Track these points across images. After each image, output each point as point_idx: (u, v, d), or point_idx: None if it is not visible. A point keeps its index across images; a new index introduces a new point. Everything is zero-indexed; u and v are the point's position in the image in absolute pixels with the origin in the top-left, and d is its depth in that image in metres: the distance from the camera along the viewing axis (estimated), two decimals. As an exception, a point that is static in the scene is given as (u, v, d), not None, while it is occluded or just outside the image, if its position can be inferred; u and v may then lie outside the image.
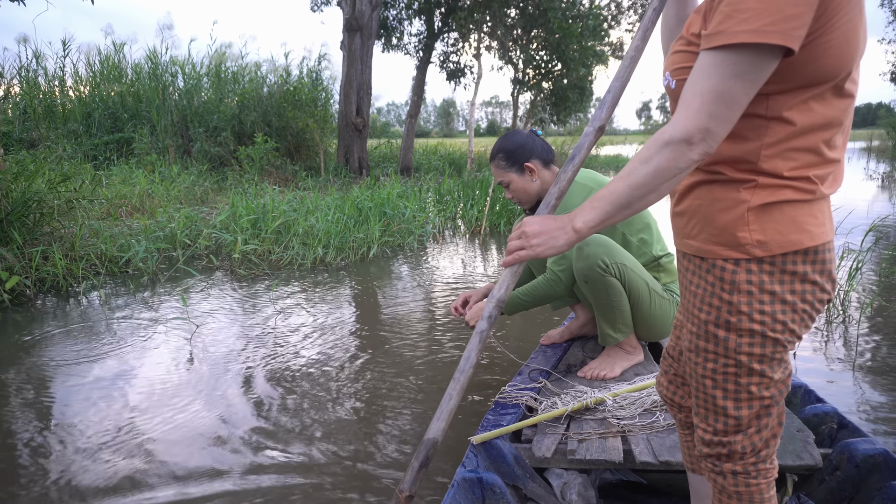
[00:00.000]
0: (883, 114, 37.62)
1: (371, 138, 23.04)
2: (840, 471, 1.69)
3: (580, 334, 2.82)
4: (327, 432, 2.50)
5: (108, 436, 2.49)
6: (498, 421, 2.01)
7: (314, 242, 5.94)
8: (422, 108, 18.83)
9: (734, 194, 1.08)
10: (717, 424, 1.17)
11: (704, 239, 1.13)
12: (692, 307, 1.17)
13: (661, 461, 1.75)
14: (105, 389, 2.94)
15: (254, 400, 2.82)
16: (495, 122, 59.79)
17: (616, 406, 2.03)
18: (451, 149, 21.59)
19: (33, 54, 13.39)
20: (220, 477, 2.17)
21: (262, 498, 2.05)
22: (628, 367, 2.41)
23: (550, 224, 1.20)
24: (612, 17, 18.37)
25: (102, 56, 14.16)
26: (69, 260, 5.10)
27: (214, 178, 10.52)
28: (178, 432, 2.51)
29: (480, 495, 1.69)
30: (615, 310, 2.35)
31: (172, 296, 4.60)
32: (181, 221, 6.23)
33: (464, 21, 15.83)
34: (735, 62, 0.96)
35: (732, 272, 1.09)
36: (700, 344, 1.16)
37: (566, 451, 1.84)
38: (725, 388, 1.14)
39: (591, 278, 2.30)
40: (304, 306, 4.37)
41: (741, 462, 1.18)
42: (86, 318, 4.07)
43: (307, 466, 2.25)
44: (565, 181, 1.33)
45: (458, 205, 8.54)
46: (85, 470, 2.23)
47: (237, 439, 2.45)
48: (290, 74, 15.12)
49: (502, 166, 2.52)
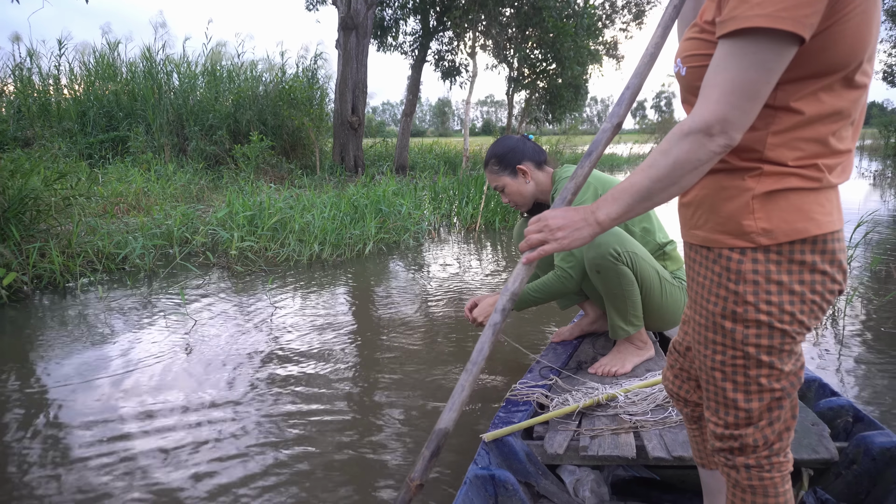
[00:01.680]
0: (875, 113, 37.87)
1: (367, 137, 23.00)
2: (857, 464, 1.68)
3: (590, 331, 2.81)
4: (329, 425, 2.48)
5: (105, 431, 2.45)
6: (509, 418, 1.99)
7: (310, 239, 5.92)
8: (417, 107, 18.83)
9: (739, 182, 1.07)
10: (728, 418, 1.16)
11: (710, 228, 1.12)
12: (700, 298, 1.16)
13: (675, 456, 1.73)
14: (102, 384, 2.90)
15: (252, 394, 2.79)
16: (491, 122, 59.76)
17: (628, 402, 2.02)
18: (447, 148, 21.58)
19: (28, 52, 13.30)
20: (220, 471, 2.15)
21: (269, 490, 2.02)
22: (639, 362, 2.40)
23: (573, 216, 1.19)
24: (607, 16, 18.41)
25: (97, 55, 14.08)
26: (66, 257, 5.06)
27: (210, 177, 10.46)
28: (176, 428, 2.49)
29: (493, 492, 1.67)
30: (626, 300, 2.34)
31: (169, 292, 4.56)
32: (178, 219, 6.19)
33: (459, 20, 15.81)
34: (752, 51, 0.95)
35: (738, 261, 1.07)
36: (708, 336, 1.14)
37: (578, 448, 1.82)
38: (735, 381, 1.13)
39: (602, 267, 2.29)
40: (301, 302, 4.35)
41: (754, 455, 1.16)
42: (83, 314, 4.03)
43: (311, 457, 2.23)
44: (581, 176, 1.33)
45: (453, 203, 8.53)
46: (80, 466, 2.20)
47: (237, 433, 2.42)
48: (285, 73, 15.07)
49: (495, 171, 2.57)
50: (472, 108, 28.44)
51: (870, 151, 27.37)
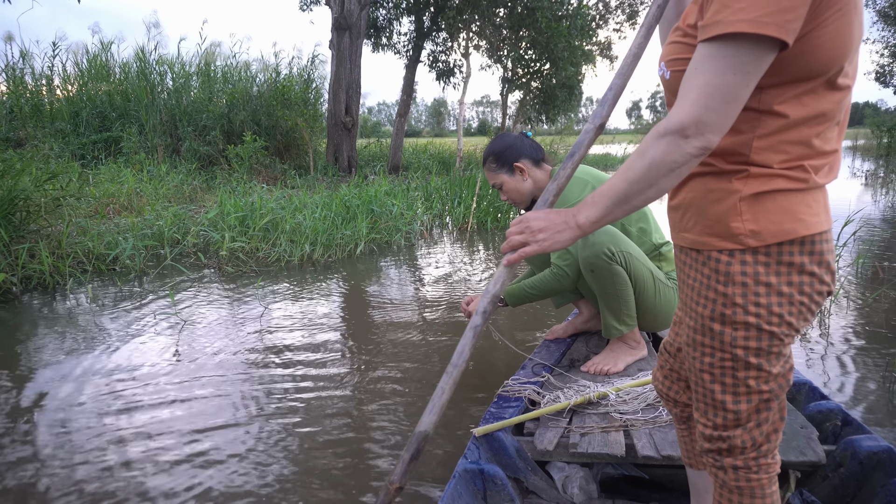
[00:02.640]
0: (868, 113, 38.01)
1: (362, 138, 22.98)
2: (844, 467, 1.68)
3: (584, 329, 2.80)
4: (315, 426, 2.47)
5: (94, 432, 2.43)
6: (500, 414, 1.99)
7: (301, 240, 5.90)
8: (413, 107, 18.83)
9: (726, 185, 1.07)
10: (716, 419, 1.15)
11: (699, 231, 1.11)
12: (690, 301, 1.16)
13: (664, 455, 1.73)
14: (91, 386, 2.88)
15: (240, 395, 2.78)
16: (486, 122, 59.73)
17: (619, 401, 2.01)
18: (441, 148, 21.59)
19: (20, 53, 13.22)
20: (207, 472, 2.13)
21: (251, 493, 2.01)
22: (632, 362, 2.39)
23: (554, 218, 1.18)
24: (600, 16, 18.43)
25: (90, 55, 14.01)
26: (56, 257, 5.03)
27: (203, 177, 10.42)
28: (163, 430, 2.47)
29: (482, 487, 1.67)
30: (620, 300, 2.33)
31: (160, 293, 4.53)
32: (169, 219, 6.17)
33: (452, 20, 15.81)
34: (731, 54, 0.94)
35: (727, 263, 1.07)
36: (697, 338, 1.14)
37: (568, 445, 1.81)
38: (724, 382, 1.12)
39: (596, 266, 2.28)
40: (292, 302, 4.33)
41: (741, 457, 1.16)
42: (72, 315, 4.01)
43: (296, 460, 2.21)
44: (563, 178, 1.32)
45: (445, 203, 8.52)
46: (68, 466, 2.18)
47: (225, 435, 2.41)
48: (279, 74, 15.03)
49: (493, 168, 2.56)
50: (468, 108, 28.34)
51: (862, 151, 27.51)
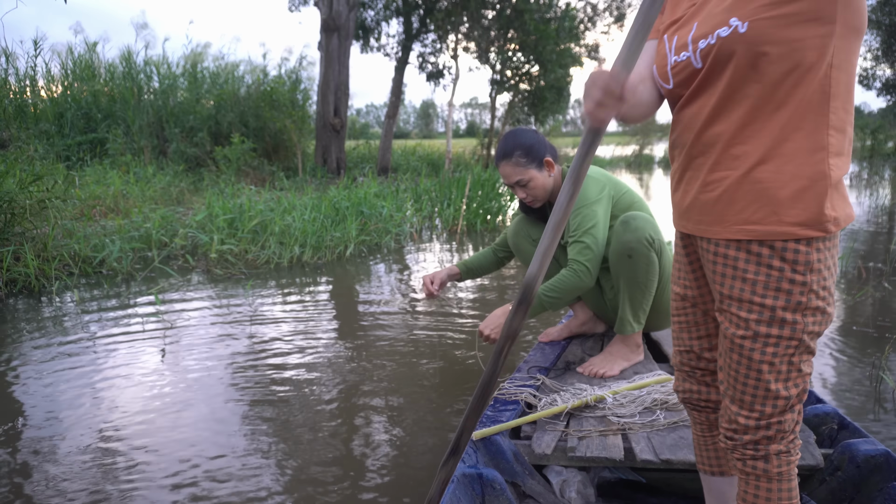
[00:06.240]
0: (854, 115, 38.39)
1: (351, 139, 22.90)
2: (841, 471, 1.67)
3: (579, 332, 2.77)
4: (304, 427, 2.44)
5: (79, 437, 2.39)
6: (497, 417, 1.96)
7: (291, 242, 5.85)
8: (402, 109, 18.82)
9: (812, 170, 1.07)
10: (765, 408, 1.15)
11: (775, 221, 1.08)
12: (749, 295, 1.12)
13: (663, 459, 1.72)
14: (76, 390, 2.83)
15: (228, 397, 2.74)
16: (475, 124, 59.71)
17: (616, 404, 1.99)
18: (430, 150, 21.58)
19: (3, 52, 13.06)
20: (194, 475, 2.10)
21: (240, 493, 1.98)
22: (628, 366, 2.37)
23: None
24: (588, 18, 18.47)
25: (75, 55, 13.88)
26: (41, 260, 4.96)
27: (191, 179, 10.34)
28: (150, 433, 2.43)
29: (480, 491, 1.65)
30: (645, 292, 2.30)
31: (147, 296, 4.48)
32: (157, 221, 6.10)
33: (441, 22, 15.81)
34: None
35: (806, 253, 1.08)
36: (762, 330, 1.11)
37: (566, 449, 1.80)
38: (780, 371, 1.13)
39: (636, 252, 2.24)
40: (281, 305, 4.29)
41: (784, 441, 1.17)
42: (59, 319, 3.95)
43: (285, 462, 2.18)
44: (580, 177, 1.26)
45: (435, 204, 8.49)
46: (52, 470, 2.14)
47: (214, 438, 2.37)
48: (267, 75, 14.96)
49: (522, 163, 2.37)
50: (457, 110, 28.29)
51: (848, 153, 27.82)
